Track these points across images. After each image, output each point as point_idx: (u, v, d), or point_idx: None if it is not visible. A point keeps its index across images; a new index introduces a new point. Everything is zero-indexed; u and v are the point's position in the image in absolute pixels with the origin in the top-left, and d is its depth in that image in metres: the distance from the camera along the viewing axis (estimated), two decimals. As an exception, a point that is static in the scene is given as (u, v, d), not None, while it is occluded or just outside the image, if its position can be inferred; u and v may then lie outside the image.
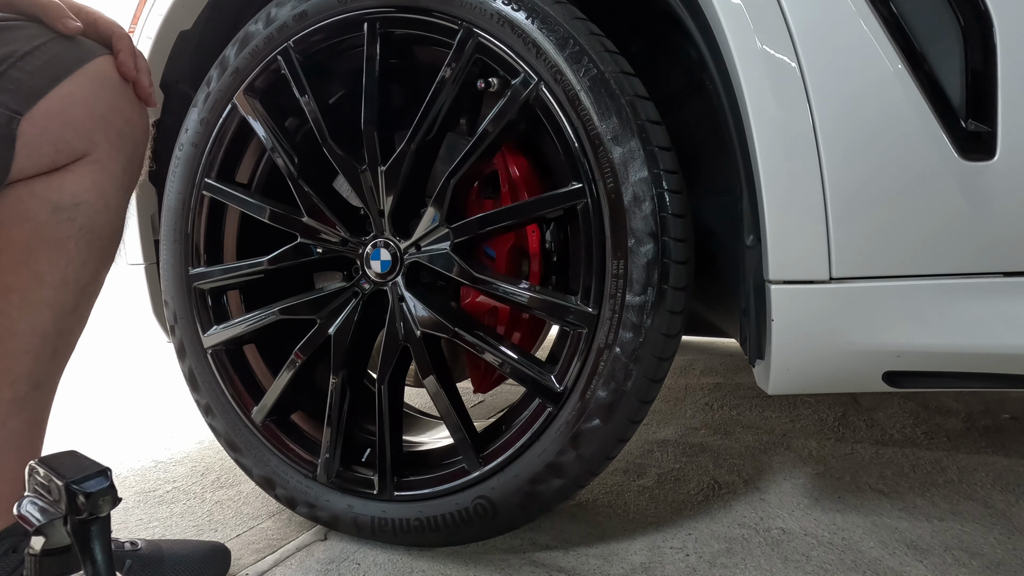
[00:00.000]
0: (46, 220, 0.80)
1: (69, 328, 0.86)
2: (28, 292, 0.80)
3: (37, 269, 0.80)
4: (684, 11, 0.89)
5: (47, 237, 0.80)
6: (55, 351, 0.85)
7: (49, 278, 0.81)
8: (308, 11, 1.05)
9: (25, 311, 0.80)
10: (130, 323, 1.30)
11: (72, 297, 0.84)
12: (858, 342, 0.82)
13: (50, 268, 0.81)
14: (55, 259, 0.81)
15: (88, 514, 0.48)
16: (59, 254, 0.81)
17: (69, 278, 0.82)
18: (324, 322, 1.08)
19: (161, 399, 2.11)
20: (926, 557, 0.98)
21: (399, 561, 1.05)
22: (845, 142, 0.78)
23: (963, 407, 1.56)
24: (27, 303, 0.80)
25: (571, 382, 0.94)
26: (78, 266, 0.83)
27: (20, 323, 0.81)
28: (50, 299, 0.82)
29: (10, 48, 0.76)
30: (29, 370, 0.82)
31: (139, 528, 1.22)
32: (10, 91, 0.75)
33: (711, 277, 1.07)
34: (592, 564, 1.01)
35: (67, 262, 0.82)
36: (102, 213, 0.84)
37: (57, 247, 0.81)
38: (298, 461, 1.12)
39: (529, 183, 1.06)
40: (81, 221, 0.82)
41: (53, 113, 0.78)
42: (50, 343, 0.83)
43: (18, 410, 0.82)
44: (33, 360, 0.82)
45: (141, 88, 0.87)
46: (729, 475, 1.28)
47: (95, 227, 0.84)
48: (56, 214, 0.80)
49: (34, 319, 0.81)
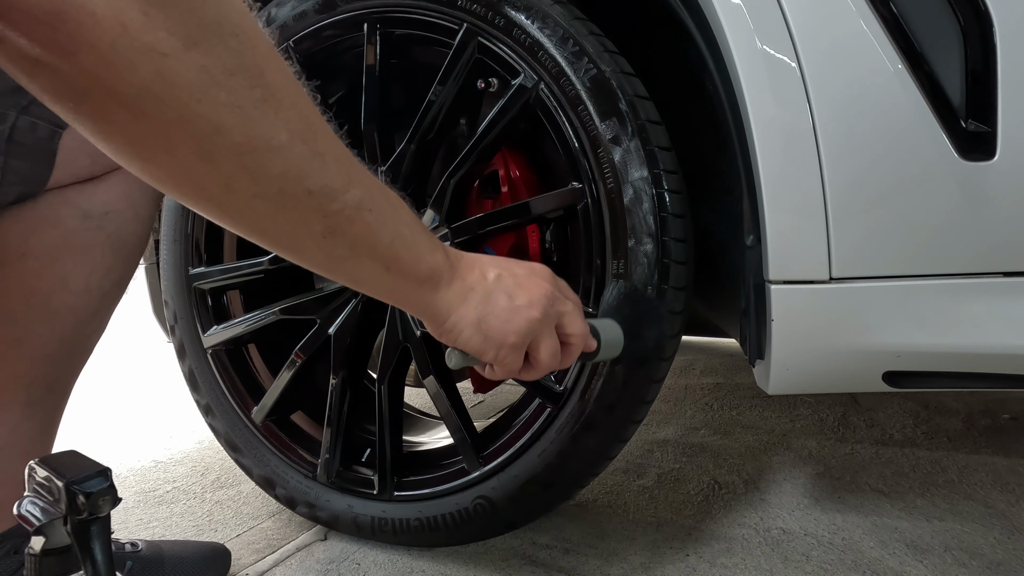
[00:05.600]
0: (75, 227, 0.80)
1: (88, 334, 0.85)
2: (51, 297, 0.80)
3: (62, 274, 0.80)
4: (684, 11, 0.89)
5: (74, 243, 0.80)
6: (71, 356, 0.85)
7: (73, 284, 0.81)
8: (308, 11, 1.05)
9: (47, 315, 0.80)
10: (130, 323, 1.29)
11: (94, 303, 0.84)
12: (858, 342, 0.82)
13: (75, 274, 0.81)
14: (80, 265, 0.81)
15: (88, 514, 0.48)
16: (85, 261, 0.81)
17: (92, 285, 0.83)
18: (324, 322, 1.08)
19: (161, 399, 2.11)
20: (926, 557, 0.98)
21: (399, 561, 1.05)
22: (845, 142, 0.78)
23: (963, 407, 1.56)
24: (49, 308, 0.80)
25: (571, 382, 0.94)
26: (102, 273, 0.83)
27: (41, 327, 0.80)
28: (72, 304, 0.82)
29: None
30: (45, 374, 0.82)
31: (139, 528, 1.22)
32: None
33: (711, 277, 1.07)
34: (592, 564, 1.00)
35: (92, 269, 0.82)
36: (131, 223, 0.85)
37: (83, 254, 0.81)
38: (298, 461, 1.12)
39: (529, 183, 1.06)
40: (109, 229, 0.82)
41: None
42: (67, 348, 0.83)
43: (32, 413, 0.82)
44: (50, 364, 0.82)
45: None
46: (729, 475, 1.28)
47: (122, 236, 0.84)
48: (86, 221, 0.81)
49: (55, 324, 0.81)
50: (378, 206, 0.54)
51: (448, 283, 0.63)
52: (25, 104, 0.73)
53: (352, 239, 0.53)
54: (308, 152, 0.48)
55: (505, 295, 0.66)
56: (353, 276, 0.58)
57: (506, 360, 0.67)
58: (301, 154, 0.47)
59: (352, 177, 0.52)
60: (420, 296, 0.62)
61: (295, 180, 0.47)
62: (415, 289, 0.61)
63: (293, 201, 0.48)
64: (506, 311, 0.66)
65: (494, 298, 0.66)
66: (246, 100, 0.43)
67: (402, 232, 0.57)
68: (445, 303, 0.64)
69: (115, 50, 0.37)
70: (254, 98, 0.43)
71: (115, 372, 2.47)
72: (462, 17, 0.95)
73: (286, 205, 0.48)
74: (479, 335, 0.65)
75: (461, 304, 0.64)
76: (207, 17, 0.40)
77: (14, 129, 0.73)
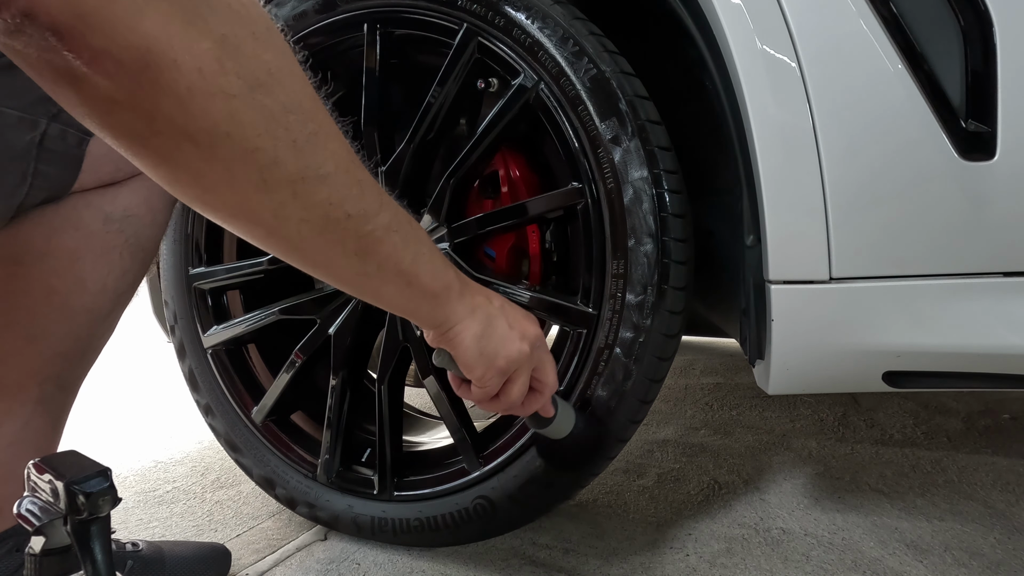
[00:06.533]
0: (97, 230, 0.82)
1: (100, 333, 0.88)
2: (69, 297, 0.82)
3: (81, 275, 0.82)
4: (684, 11, 0.89)
5: (95, 246, 0.83)
6: (84, 355, 0.87)
7: (91, 284, 0.83)
8: (308, 11, 1.05)
9: (64, 314, 0.82)
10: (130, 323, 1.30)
11: (108, 304, 0.86)
12: (858, 342, 0.82)
13: (93, 275, 0.83)
14: (99, 267, 0.83)
15: (88, 514, 0.48)
16: (104, 262, 0.84)
17: (109, 286, 0.85)
18: (324, 322, 1.08)
19: (161, 399, 2.11)
20: (926, 557, 0.98)
21: (399, 561, 1.05)
22: (845, 142, 0.78)
23: (963, 407, 1.56)
24: (67, 307, 0.82)
25: (571, 382, 0.94)
26: (119, 275, 0.85)
27: (58, 325, 0.82)
28: (88, 305, 0.84)
29: None
30: (59, 372, 0.84)
31: (139, 528, 1.22)
32: None
33: (711, 277, 1.07)
34: (592, 564, 1.00)
35: (109, 271, 0.84)
36: (149, 227, 0.87)
37: (103, 256, 0.83)
38: (298, 461, 1.12)
39: (529, 183, 1.06)
40: (128, 233, 0.85)
41: None
42: (81, 347, 0.85)
43: (43, 410, 0.84)
44: (64, 362, 0.84)
45: None
46: (729, 475, 1.28)
47: (140, 239, 0.86)
48: (107, 224, 0.83)
49: (71, 323, 0.83)
50: (402, 228, 0.60)
51: (459, 297, 0.69)
52: (55, 112, 0.74)
53: (381, 258, 0.59)
54: (349, 180, 0.53)
55: (506, 322, 0.73)
56: (376, 292, 0.63)
57: (488, 382, 0.73)
58: (344, 182, 0.53)
59: (383, 202, 0.57)
60: (432, 308, 0.68)
61: (338, 205, 0.53)
62: (429, 302, 0.66)
63: (334, 224, 0.53)
64: (504, 337, 0.72)
65: (497, 322, 0.72)
66: (300, 135, 0.48)
67: (422, 251, 0.63)
68: (453, 314, 0.69)
69: (191, 93, 0.41)
70: (307, 132, 0.48)
71: (115, 372, 2.47)
72: (462, 17, 0.95)
73: (327, 228, 0.53)
74: (476, 349, 0.71)
75: (467, 316, 0.70)
76: (268, 62, 0.45)
77: (44, 136, 0.75)
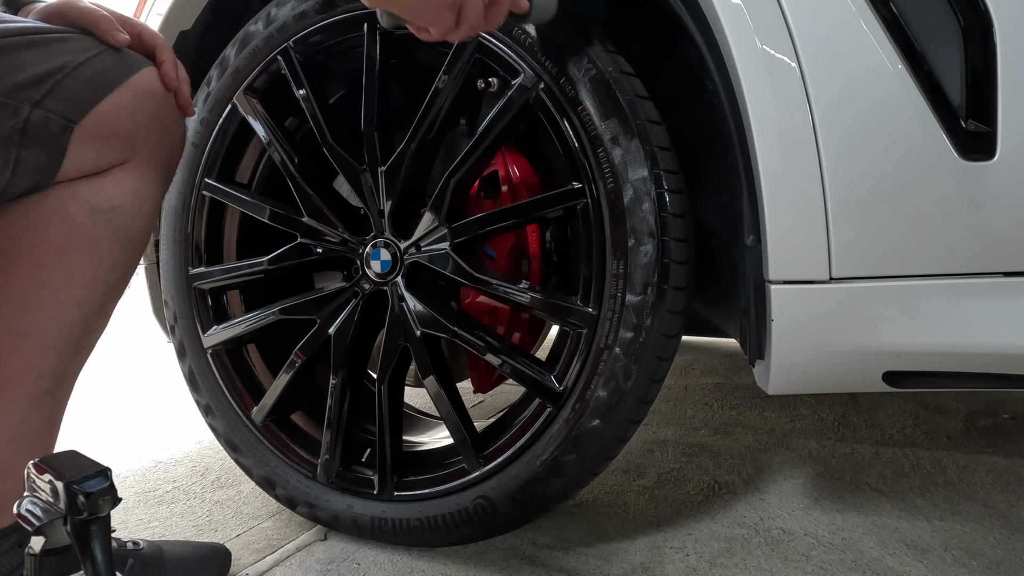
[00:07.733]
0: (83, 221, 0.82)
1: (94, 327, 0.87)
2: (59, 290, 0.82)
3: (70, 268, 0.82)
4: (684, 11, 0.89)
5: (83, 237, 0.82)
6: (78, 349, 0.86)
7: (81, 277, 0.83)
8: (308, 11, 1.05)
9: (55, 308, 0.82)
10: (130, 323, 1.30)
11: (100, 297, 0.85)
12: (858, 342, 0.82)
13: (82, 268, 0.83)
14: (88, 259, 0.83)
15: (88, 514, 0.48)
16: (92, 255, 0.83)
17: (99, 279, 0.84)
18: (324, 322, 1.08)
19: (161, 399, 2.11)
20: (926, 557, 0.98)
21: (399, 561, 1.05)
22: (845, 142, 0.78)
23: (963, 407, 1.56)
24: (58, 301, 0.82)
25: (571, 382, 0.94)
26: (109, 267, 0.85)
27: (49, 320, 0.82)
28: (79, 298, 0.83)
29: (65, 59, 0.79)
30: (53, 366, 0.84)
31: (139, 528, 1.22)
32: (64, 100, 0.78)
33: (711, 277, 1.07)
34: (592, 564, 1.01)
35: (99, 263, 0.84)
36: (137, 217, 0.86)
37: (91, 248, 0.83)
38: (298, 461, 1.12)
39: (529, 183, 1.06)
40: (116, 224, 0.84)
41: (102, 123, 0.80)
42: (75, 341, 0.85)
43: (39, 406, 0.83)
44: (58, 357, 0.84)
45: (182, 98, 0.89)
46: (729, 475, 1.28)
47: (129, 230, 0.86)
48: (93, 215, 0.82)
49: (63, 317, 0.83)
50: None
51: None
52: (39, 98, 0.75)
53: None
54: None
55: None
56: None
57: (441, 18, 0.76)
58: None
59: None
60: None
61: None
62: None
63: None
64: None
65: None
66: None
67: None
68: None
69: None
70: None
71: (115, 372, 2.48)
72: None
73: None
74: None
75: None
76: None
77: (27, 123, 0.75)
